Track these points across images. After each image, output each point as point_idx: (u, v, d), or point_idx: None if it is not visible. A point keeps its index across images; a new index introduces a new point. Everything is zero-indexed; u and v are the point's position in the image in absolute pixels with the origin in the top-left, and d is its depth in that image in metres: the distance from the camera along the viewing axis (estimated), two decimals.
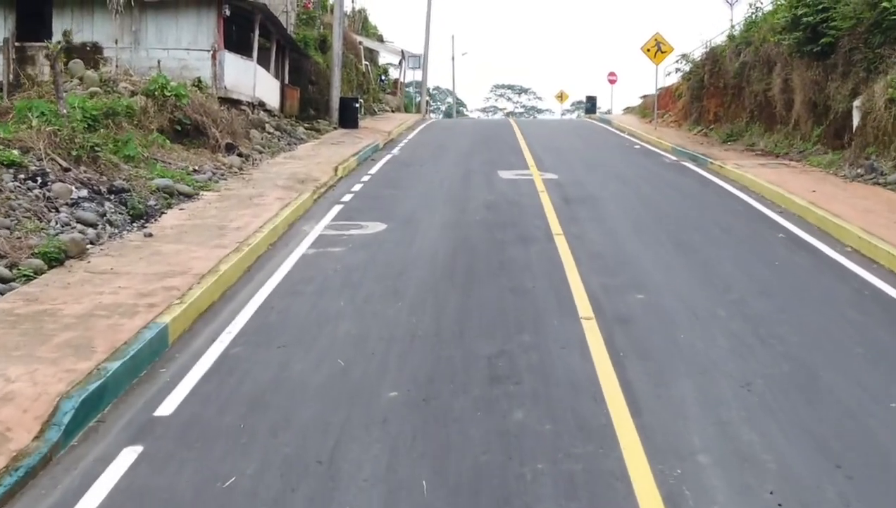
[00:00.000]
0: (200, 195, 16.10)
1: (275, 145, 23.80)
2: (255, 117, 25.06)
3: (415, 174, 20.69)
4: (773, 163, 21.07)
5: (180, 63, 23.76)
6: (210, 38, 23.84)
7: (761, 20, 26.93)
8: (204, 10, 23.87)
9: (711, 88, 31.19)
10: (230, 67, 24.22)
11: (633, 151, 26.40)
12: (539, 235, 13.68)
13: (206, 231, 13.11)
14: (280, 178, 18.61)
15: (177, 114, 19.83)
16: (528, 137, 30.30)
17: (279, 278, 11.40)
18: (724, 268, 11.74)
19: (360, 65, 43.78)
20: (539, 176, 19.91)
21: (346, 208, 16.29)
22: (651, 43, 33.17)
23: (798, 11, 21.76)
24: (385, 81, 56.17)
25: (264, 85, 26.95)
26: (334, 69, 32.03)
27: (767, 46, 25.14)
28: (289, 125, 28.14)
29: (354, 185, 19.01)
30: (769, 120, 25.40)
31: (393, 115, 45.68)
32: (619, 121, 39.60)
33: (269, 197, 16.16)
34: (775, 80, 24.49)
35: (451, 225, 14.55)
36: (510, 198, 17.03)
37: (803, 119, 22.60)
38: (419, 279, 11.15)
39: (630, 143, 29.44)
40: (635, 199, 17.04)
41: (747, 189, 18.25)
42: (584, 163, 22.90)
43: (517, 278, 11.17)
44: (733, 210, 16.08)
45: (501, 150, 26.21)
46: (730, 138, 27.04)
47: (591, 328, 9.23)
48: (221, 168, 19.03)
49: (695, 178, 20.12)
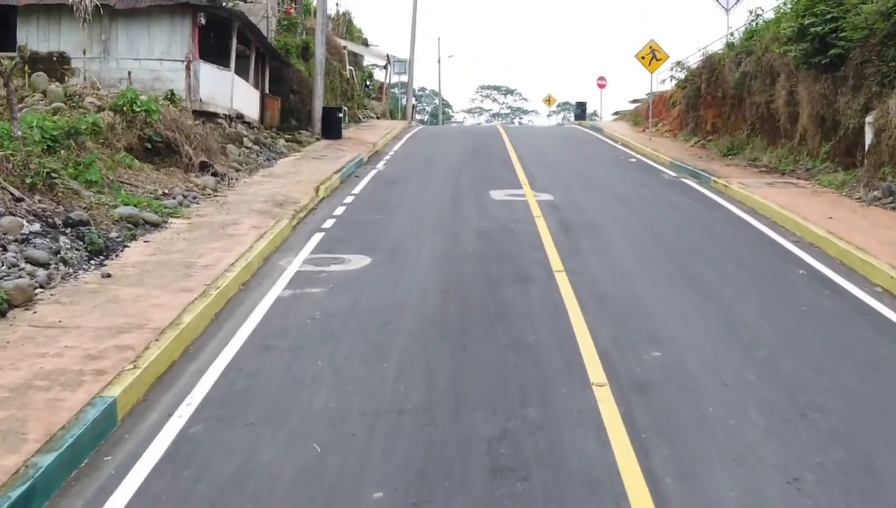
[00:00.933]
0: (169, 224, 14.84)
1: (253, 161, 22.53)
2: (233, 131, 23.78)
3: (401, 194, 19.47)
4: (780, 182, 19.93)
5: (153, 74, 22.48)
6: (184, 48, 22.56)
7: (762, 28, 25.82)
8: (178, 18, 22.60)
9: (708, 98, 30.10)
10: (206, 78, 22.95)
11: (630, 166, 25.25)
12: (538, 271, 12.49)
13: (172, 270, 11.86)
14: (257, 200, 17.37)
15: (147, 131, 18.55)
16: (519, 149, 29.13)
17: (250, 329, 10.16)
18: (745, 314, 10.56)
19: (344, 71, 42.52)
20: (533, 197, 18.73)
21: (327, 236, 15.06)
22: (646, 50, 32.02)
23: (805, 21, 20.65)
24: (370, 87, 54.90)
25: (243, 96, 25.69)
26: (317, 77, 30.77)
27: (770, 56, 24.04)
28: (269, 138, 26.87)
29: (337, 207, 17.79)
30: (772, 133, 24.29)
31: (378, 122, 44.45)
32: (611, 129, 38.47)
33: (243, 225, 14.91)
34: (779, 91, 23.39)
35: (442, 259, 13.35)
36: (504, 224, 15.83)
37: (810, 134, 21.48)
38: (407, 332, 9.92)
39: (625, 155, 28.30)
40: (638, 225, 15.87)
41: (756, 213, 17.12)
42: (580, 180, 21.73)
43: (517, 330, 9.97)
44: (745, 239, 14.92)
45: (492, 163, 25.02)
46: (730, 152, 25.93)
47: (606, 399, 8.03)
48: (194, 190, 17.77)
49: (699, 199, 18.96)
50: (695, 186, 20.88)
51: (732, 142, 26.43)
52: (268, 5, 32.49)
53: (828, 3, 20.43)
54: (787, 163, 22.31)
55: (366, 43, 64.68)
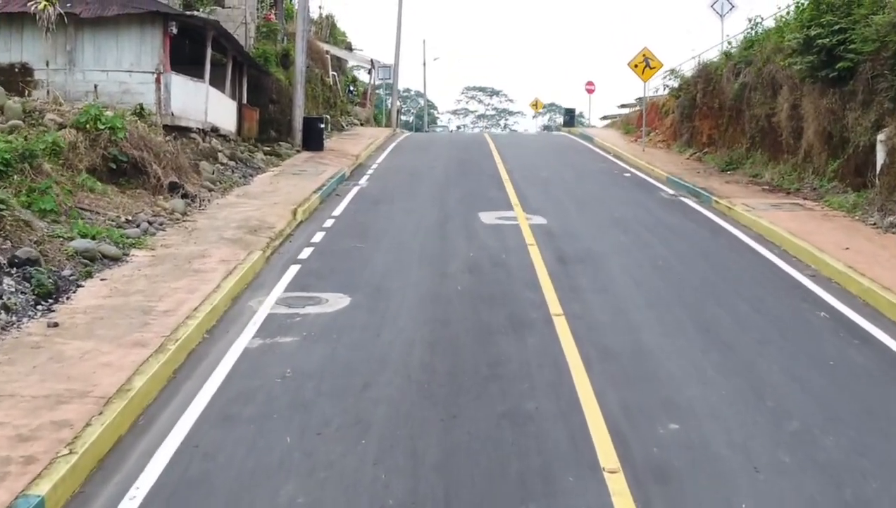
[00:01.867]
0: (130, 257, 13.59)
1: (228, 179, 21.28)
2: (207, 146, 22.52)
3: (385, 216, 18.27)
4: (786, 203, 18.82)
5: (121, 87, 21.20)
6: (154, 59, 21.29)
7: (762, 37, 24.71)
8: (147, 27, 21.32)
9: (704, 108, 28.99)
10: (178, 91, 21.68)
11: (625, 182, 24.11)
12: (534, 316, 11.31)
13: (127, 317, 10.62)
14: (229, 226, 16.14)
15: (112, 150, 17.29)
16: (508, 162, 27.96)
17: (211, 391, 8.95)
18: (768, 373, 9.41)
19: (326, 77, 41.27)
20: (525, 220, 17.58)
21: (303, 269, 13.85)
22: (639, 58, 30.90)
23: (811, 32, 19.57)
24: (354, 93, 53.65)
25: (218, 107, 24.42)
26: (297, 87, 29.50)
27: (772, 67, 22.95)
28: (246, 151, 25.61)
29: (315, 233, 16.59)
30: (774, 148, 23.19)
31: (362, 129, 43.19)
32: (602, 138, 37.34)
33: (211, 258, 13.68)
34: (781, 104, 22.29)
35: (428, 299, 12.17)
36: (495, 255, 14.65)
37: (816, 151, 20.38)
38: (389, 398, 8.71)
39: (619, 169, 27.17)
40: (640, 256, 14.71)
41: (764, 240, 16.01)
42: (574, 199, 20.57)
43: (515, 394, 8.79)
44: (756, 273, 13.79)
45: (480, 179, 23.85)
46: (729, 167, 24.82)
47: (620, 491, 6.88)
48: (161, 215, 16.52)
49: (701, 223, 17.83)
50: (695, 206, 19.76)
51: (731, 156, 25.32)
52: (246, 11, 31.23)
53: (835, 13, 19.37)
54: (792, 180, 21.21)
55: (349, 47, 63.42)
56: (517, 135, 43.16)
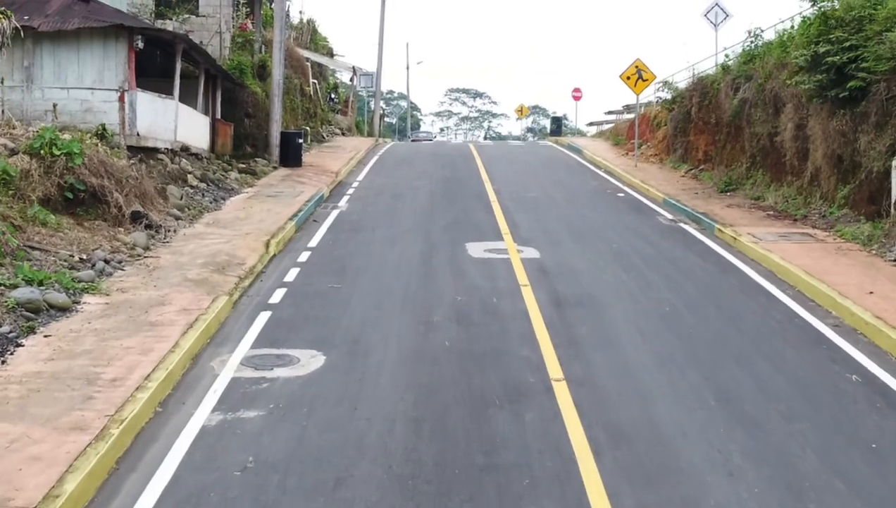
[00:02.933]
0: (81, 305, 12.23)
1: (197, 204, 19.90)
2: (175, 168, 21.13)
3: (365, 249, 16.94)
4: (795, 233, 17.61)
5: (83, 105, 19.81)
6: (119, 75, 19.91)
7: (763, 51, 23.50)
8: (111, 41, 19.93)
9: (700, 123, 27.82)
10: (144, 109, 20.31)
11: (619, 204, 22.87)
12: (531, 381, 10.04)
13: (68, 389, 9.27)
14: (194, 263, 14.79)
15: (68, 178, 15.93)
16: (495, 180, 26.70)
17: (157, 491, 7.62)
18: (804, 462, 8.16)
19: (307, 86, 39.88)
20: (516, 253, 16.32)
21: (274, 318, 12.52)
22: (631, 70, 29.71)
23: (819, 49, 18.38)
24: (335, 100, 52.25)
25: (189, 125, 23.04)
26: (274, 100, 28.14)
27: (774, 84, 21.74)
28: (219, 170, 24.24)
29: (289, 269, 15.29)
30: (776, 169, 22.00)
31: (344, 140, 41.83)
32: (591, 151, 36.12)
33: (172, 306, 12.33)
34: (785, 123, 21.11)
35: (412, 358, 10.89)
36: (485, 298, 13.37)
37: (825, 175, 19.19)
38: (365, 500, 7.40)
39: (612, 188, 25.92)
40: (644, 300, 13.46)
41: (776, 278, 14.80)
42: (567, 226, 19.32)
43: (512, 493, 7.52)
44: (774, 323, 12.53)
45: (466, 202, 22.58)
46: (728, 187, 23.61)
47: None
48: (121, 251, 15.16)
49: (706, 257, 16.59)
50: (697, 235, 18.54)
51: (730, 176, 24.11)
52: (221, 20, 29.82)
53: (845, 29, 18.19)
54: (797, 205, 20.01)
55: (331, 53, 61.99)
56: (503, 146, 41.80)
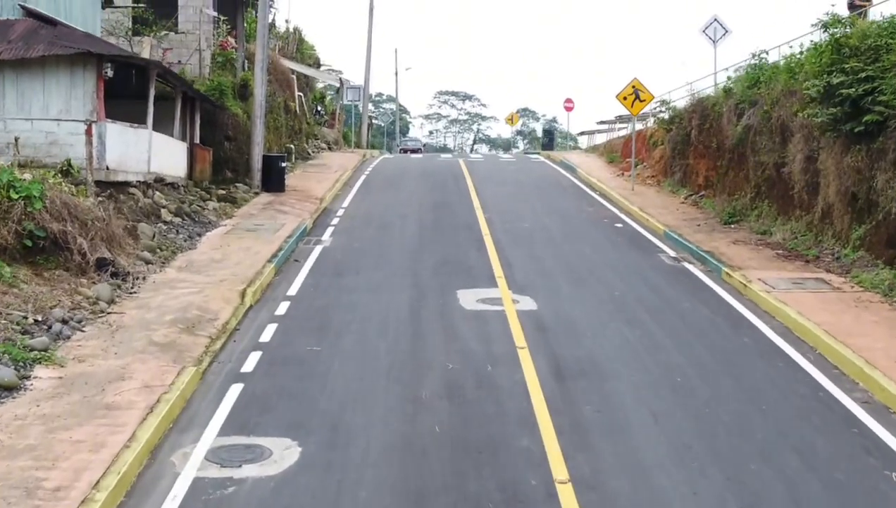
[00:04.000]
0: (30, 382, 11.01)
1: (170, 243, 18.65)
2: (148, 202, 19.88)
3: (348, 299, 15.76)
4: (809, 279, 16.47)
5: (48, 138, 18.59)
6: (87, 105, 18.69)
7: (769, 75, 22.36)
8: (79, 70, 18.70)
9: (700, 147, 26.70)
10: (115, 141, 19.10)
11: (618, 237, 21.74)
12: (534, 484, 8.88)
13: (3, 503, 8.04)
14: (162, 320, 13.59)
15: (27, 224, 14.68)
16: (487, 207, 25.54)
17: None
18: None
19: (291, 101, 38.64)
20: (512, 304, 15.19)
21: (246, 393, 11.32)
22: (628, 90, 28.60)
23: (833, 79, 17.27)
24: (322, 113, 50.97)
25: (164, 153, 21.82)
26: (256, 122, 26.91)
27: (782, 112, 20.61)
28: (197, 200, 22.99)
29: (266, 326, 14.13)
30: (784, 201, 20.88)
31: (330, 156, 40.61)
32: (586, 170, 35.02)
33: (133, 381, 11.12)
34: (793, 154, 20.00)
35: (398, 450, 9.70)
36: (479, 366, 12.23)
37: (838, 213, 18.08)
38: None
39: (609, 216, 24.78)
40: (652, 365, 12.35)
41: (793, 335, 13.71)
42: (564, 267, 18.20)
43: None
44: (797, 398, 11.38)
45: (457, 235, 21.45)
46: (732, 218, 22.49)
47: None
48: (82, 306, 13.93)
49: (716, 307, 15.44)
50: (704, 278, 17.42)
51: (734, 206, 22.96)
52: (201, 37, 28.64)
53: (860, 58, 17.10)
54: (808, 243, 18.89)
55: (318, 63, 60.72)
56: (494, 163, 40.45)
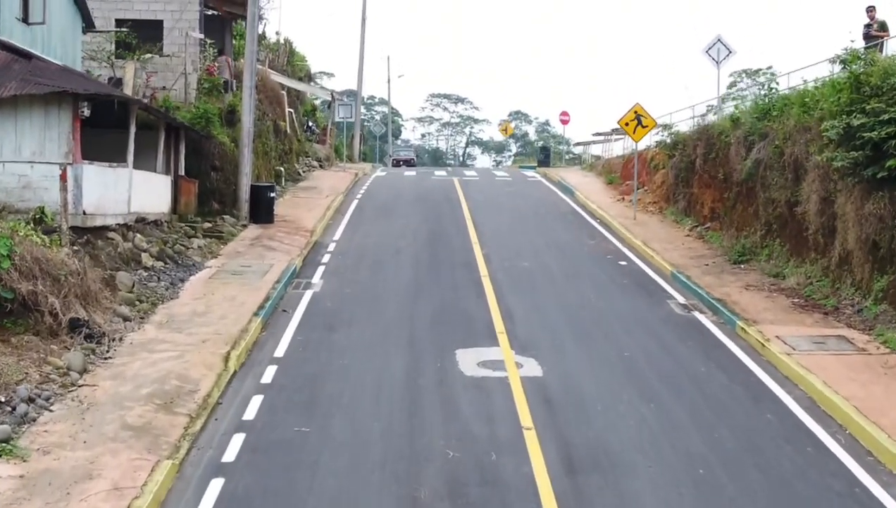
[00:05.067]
0: None
1: (151, 293, 17.58)
2: (128, 247, 18.81)
3: (340, 359, 14.78)
4: (831, 336, 15.49)
5: (21, 181, 17.54)
6: (62, 147, 17.65)
7: (779, 106, 21.36)
8: (54, 109, 17.67)
9: (706, 176, 25.73)
10: (92, 183, 18.07)
11: (623, 277, 20.78)
12: None
13: None
14: (138, 395, 12.55)
15: None
16: (485, 240, 24.60)
17: None
18: None
19: (282, 121, 37.57)
20: (515, 370, 14.22)
21: (226, 491, 10.29)
22: (630, 116, 27.64)
23: (853, 121, 16.31)
24: (314, 128, 49.88)
25: (146, 190, 20.76)
26: (244, 151, 25.85)
27: (795, 148, 19.63)
28: (181, 238, 21.92)
29: (251, 398, 13.11)
30: (797, 242, 19.90)
31: (321, 175, 39.54)
32: (584, 192, 34.06)
33: (102, 479, 10.07)
34: (807, 194, 19.03)
35: None
36: (482, 455, 11.21)
37: (857, 261, 17.09)
38: None
39: (612, 252, 23.78)
40: (672, 455, 11.33)
41: (819, 410, 12.75)
42: (568, 319, 17.31)
43: None
44: (833, 495, 10.39)
45: (455, 275, 20.56)
46: (741, 258, 21.47)
47: None
48: (52, 379, 12.87)
49: (734, 373, 14.44)
50: (717, 333, 16.47)
51: (743, 244, 21.94)
52: (187, 60, 27.57)
53: (881, 98, 16.14)
54: (825, 290, 17.91)
55: (309, 76, 59.68)
56: (490, 182, 39.33)
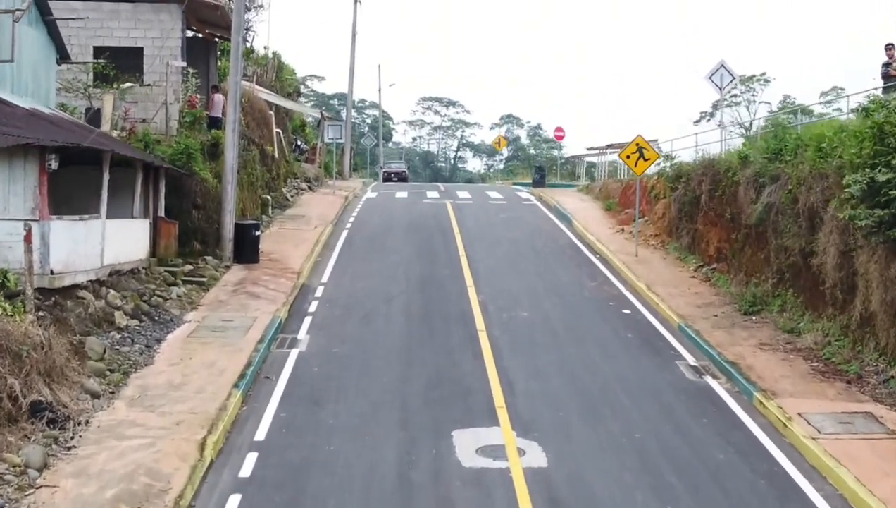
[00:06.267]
0: None
1: (124, 359, 16.33)
2: (100, 306, 17.55)
3: (327, 446, 13.54)
4: (857, 413, 14.35)
5: None
6: (28, 202, 16.41)
7: (792, 146, 20.20)
8: (18, 162, 16.40)
9: (711, 214, 24.57)
10: (61, 240, 16.83)
11: (628, 330, 19.67)
12: None
13: None
14: (102, 500, 11.31)
15: None
16: (480, 284, 23.37)
17: None
18: None
19: (269, 145, 36.36)
20: (518, 459, 12.98)
21: None
22: (631, 148, 26.53)
23: (878, 176, 15.19)
24: (302, 147, 48.66)
25: (121, 239, 19.52)
26: (227, 187, 24.62)
27: (811, 196, 18.50)
28: (160, 286, 20.68)
29: (228, 499, 11.89)
30: (812, 294, 18.77)
31: (310, 201, 38.30)
32: (582, 221, 32.94)
33: None
34: (824, 245, 17.90)
35: None
36: None
37: (881, 324, 15.96)
38: None
39: (615, 297, 22.61)
40: None
41: None
42: (574, 389, 16.07)
43: None
44: None
45: (450, 334, 19.25)
46: (752, 308, 20.29)
47: None
48: (5, 480, 11.62)
49: (758, 462, 13.21)
50: (734, 406, 15.35)
51: (754, 293, 20.76)
52: (168, 89, 26.29)
53: None
54: (844, 351, 16.78)
55: (298, 91, 58.56)
56: (484, 207, 38.03)
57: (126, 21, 26.95)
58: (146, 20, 26.95)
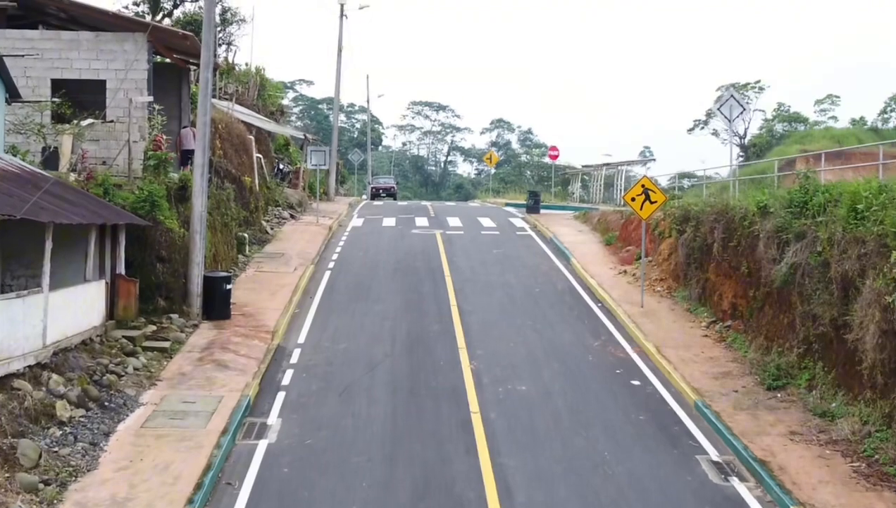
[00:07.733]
0: None
1: (63, 464, 14.08)
2: (39, 397, 15.31)
3: None
4: None
5: None
6: None
7: (820, 202, 18.13)
8: None
9: (725, 265, 22.48)
10: None
11: (639, 413, 17.52)
12: None
13: None
14: None
15: None
16: (473, 348, 21.25)
17: None
18: None
19: (248, 176, 34.20)
20: None
21: None
22: (636, 190, 24.51)
23: None
24: (286, 170, 46.50)
25: (68, 311, 17.36)
26: (195, 238, 22.46)
27: (846, 264, 16.42)
28: (116, 356, 18.53)
29: None
30: (846, 372, 16.72)
31: (291, 235, 36.13)
32: (581, 258, 30.84)
33: None
34: (861, 318, 15.77)
35: None
36: None
37: None
38: None
39: (622, 362, 20.51)
40: None
41: None
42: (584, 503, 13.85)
43: None
44: None
45: (440, 420, 17.11)
46: (777, 383, 18.21)
47: None
48: None
49: None
50: None
51: (778, 364, 18.66)
52: (132, 126, 24.14)
53: None
54: (889, 447, 14.70)
55: (282, 110, 56.42)
56: (476, 243, 35.83)
57: (87, 52, 24.82)
58: (109, 50, 24.83)
